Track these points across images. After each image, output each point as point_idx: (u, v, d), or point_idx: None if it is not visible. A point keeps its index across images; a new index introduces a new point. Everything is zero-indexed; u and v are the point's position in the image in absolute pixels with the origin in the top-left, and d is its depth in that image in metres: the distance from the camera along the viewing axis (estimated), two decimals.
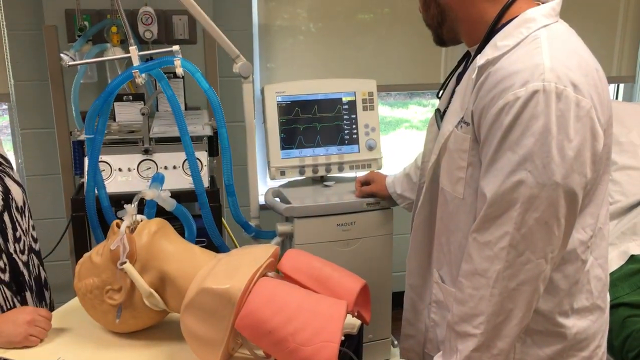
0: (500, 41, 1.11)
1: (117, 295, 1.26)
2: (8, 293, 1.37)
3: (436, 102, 1.40)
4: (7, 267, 1.38)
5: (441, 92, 1.40)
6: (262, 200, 2.02)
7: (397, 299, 2.05)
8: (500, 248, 1.06)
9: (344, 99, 1.97)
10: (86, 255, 1.32)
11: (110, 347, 1.29)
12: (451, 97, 1.31)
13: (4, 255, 1.37)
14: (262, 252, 1.29)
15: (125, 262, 1.23)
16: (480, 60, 1.12)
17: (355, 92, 1.98)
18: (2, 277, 1.37)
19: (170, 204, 1.42)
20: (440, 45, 1.35)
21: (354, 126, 1.98)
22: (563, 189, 1.03)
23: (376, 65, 2.86)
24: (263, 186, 2.24)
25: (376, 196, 1.84)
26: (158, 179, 1.40)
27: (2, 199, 1.37)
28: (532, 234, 1.05)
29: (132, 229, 1.29)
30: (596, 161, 1.06)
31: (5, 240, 1.37)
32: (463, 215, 1.19)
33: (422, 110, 5.46)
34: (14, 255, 1.41)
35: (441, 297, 1.30)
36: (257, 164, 2.00)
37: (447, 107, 1.27)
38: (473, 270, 1.11)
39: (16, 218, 1.41)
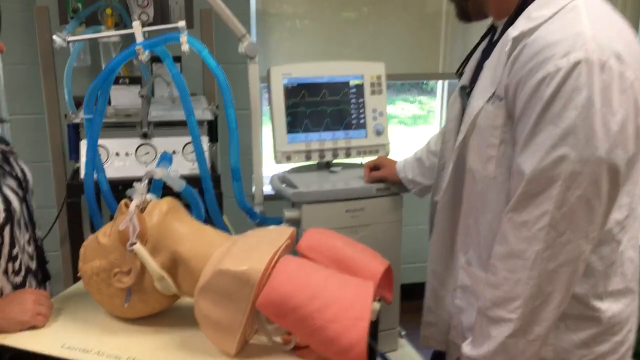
0: (535, 12, 1.06)
1: (126, 278, 1.19)
2: (34, 283, 1.30)
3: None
4: (35, 254, 1.31)
5: (461, 69, 1.35)
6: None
7: (405, 291, 2.01)
8: (538, 228, 1.02)
9: (352, 83, 1.91)
10: (92, 236, 1.24)
11: (117, 333, 1.22)
12: (475, 73, 1.26)
13: (32, 241, 1.30)
14: (279, 234, 1.22)
15: (135, 243, 1.16)
16: (513, 32, 1.08)
17: (363, 76, 1.92)
18: (30, 265, 1.29)
19: (179, 184, 1.35)
20: (463, 20, 1.30)
21: (361, 110, 1.92)
22: (606, 165, 0.98)
23: (378, 52, 2.83)
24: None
25: (386, 181, 1.79)
26: (166, 158, 1.33)
27: (23, 182, 1.30)
28: (574, 212, 1.00)
29: (141, 209, 1.22)
30: (638, 136, 1.02)
31: (31, 223, 1.30)
32: (494, 195, 1.14)
33: (409, 106, 5.43)
34: (38, 242, 1.34)
35: (467, 282, 1.25)
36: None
37: (472, 84, 1.22)
38: (508, 252, 1.06)
39: (31, 202, 1.34)
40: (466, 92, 1.24)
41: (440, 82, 3.16)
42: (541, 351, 1.08)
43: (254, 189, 1.92)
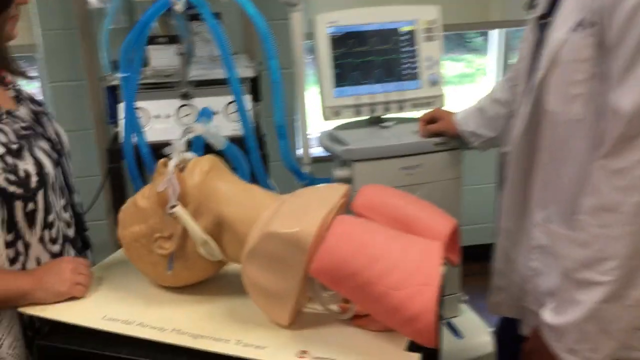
0: None
1: (167, 244, 1.10)
2: (73, 252, 1.22)
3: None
4: (73, 220, 1.23)
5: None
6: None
7: (465, 253, 1.87)
8: (637, 176, 0.87)
9: (403, 29, 1.76)
10: (130, 200, 1.15)
11: (161, 303, 1.13)
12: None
13: (68, 207, 1.22)
14: (332, 192, 1.10)
15: (175, 205, 1.06)
16: None
17: (415, 21, 1.76)
18: (68, 233, 1.21)
19: (221, 142, 1.25)
20: None
21: (414, 59, 1.77)
22: None
23: None
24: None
25: (444, 135, 1.64)
26: (206, 114, 1.22)
27: (57, 145, 1.22)
28: None
29: (181, 168, 1.12)
30: None
31: (68, 188, 1.22)
32: (579, 140, 0.99)
33: (454, 65, 5.18)
34: (76, 208, 1.26)
35: (545, 242, 1.11)
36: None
37: (550, 13, 1.06)
38: (600, 205, 0.91)
39: (69, 165, 1.26)
40: (543, 24, 1.08)
41: (493, 32, 2.94)
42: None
43: (300, 151, 1.81)
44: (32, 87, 2.79)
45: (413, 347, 0.97)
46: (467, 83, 5.02)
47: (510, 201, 1.21)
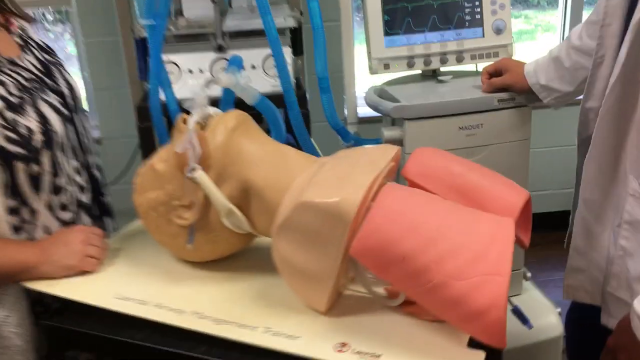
0: None
1: (187, 214, 0.95)
2: (87, 220, 1.09)
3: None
4: (88, 185, 1.10)
5: None
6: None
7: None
8: None
9: None
10: (148, 162, 1.00)
11: (182, 280, 0.99)
12: None
13: (82, 169, 1.09)
14: (380, 154, 0.93)
15: (195, 169, 0.91)
16: None
17: None
18: (82, 198, 1.08)
19: (252, 96, 1.08)
20: None
21: (476, 4, 1.54)
22: None
23: None
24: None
25: (510, 90, 1.43)
26: (236, 62, 1.05)
27: (69, 99, 1.08)
28: None
29: (203, 126, 0.96)
30: None
31: (81, 148, 1.09)
32: None
33: (513, 21, 4.82)
34: (92, 170, 1.13)
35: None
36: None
37: None
38: None
39: (83, 123, 1.13)
40: None
41: None
42: None
43: (345, 111, 1.63)
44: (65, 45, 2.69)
45: (475, 343, 0.80)
46: (527, 40, 4.70)
47: (596, 167, 1.00)
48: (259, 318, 0.89)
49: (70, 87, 1.11)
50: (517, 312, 0.98)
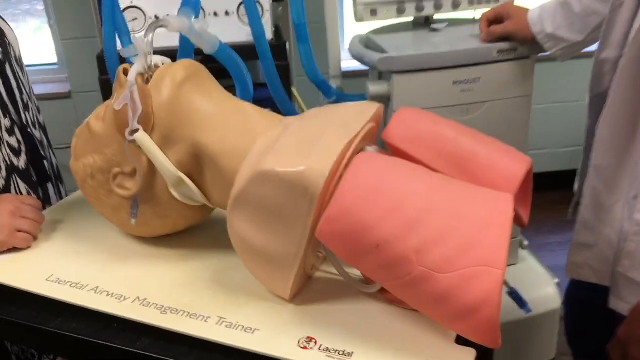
0: None
1: (129, 183, 0.81)
2: (24, 186, 0.95)
3: None
4: (23, 147, 0.95)
5: None
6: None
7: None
8: None
9: None
10: (85, 121, 0.85)
11: (129, 259, 0.86)
12: None
13: (16, 128, 0.94)
14: (357, 114, 0.78)
15: (137, 130, 0.76)
16: None
17: None
18: (15, 162, 0.93)
19: (210, 43, 0.92)
20: None
21: None
22: None
23: None
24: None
25: (512, 40, 1.27)
26: (190, 3, 0.89)
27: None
28: None
29: (147, 79, 0.81)
30: None
31: (15, 104, 0.94)
32: None
33: None
34: (29, 129, 0.97)
35: None
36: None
37: None
38: None
39: (18, 74, 0.97)
40: None
41: None
42: None
43: (330, 69, 1.47)
44: None
45: (463, 340, 0.67)
46: None
47: (611, 127, 0.86)
48: (213, 306, 0.76)
49: (2, 34, 0.95)
50: (514, 296, 0.86)
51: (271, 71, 1.21)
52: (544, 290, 1.48)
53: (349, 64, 1.46)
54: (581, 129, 1.04)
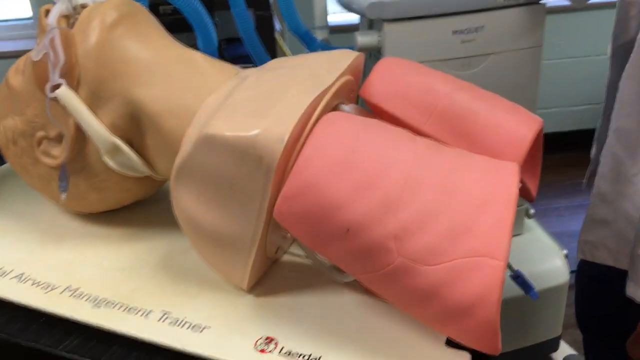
0: None
1: (55, 150, 0.67)
2: None
3: None
4: None
5: None
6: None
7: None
8: None
9: None
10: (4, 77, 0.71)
11: (64, 240, 0.73)
12: None
13: None
14: (329, 64, 0.63)
15: (59, 86, 0.62)
16: None
17: None
18: None
19: None
20: None
21: None
22: None
23: None
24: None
25: None
26: None
27: None
28: None
29: (72, 23, 0.66)
30: None
31: None
32: None
33: None
34: None
35: None
36: None
37: None
38: None
39: None
40: None
41: None
42: None
43: (315, 18, 1.31)
44: None
45: (455, 342, 0.55)
46: None
47: (637, 84, 0.71)
48: (156, 298, 0.63)
49: None
50: (519, 280, 0.73)
51: (244, 19, 1.06)
52: (551, 263, 1.36)
53: (339, 17, 1.31)
54: (592, 86, 0.91)
